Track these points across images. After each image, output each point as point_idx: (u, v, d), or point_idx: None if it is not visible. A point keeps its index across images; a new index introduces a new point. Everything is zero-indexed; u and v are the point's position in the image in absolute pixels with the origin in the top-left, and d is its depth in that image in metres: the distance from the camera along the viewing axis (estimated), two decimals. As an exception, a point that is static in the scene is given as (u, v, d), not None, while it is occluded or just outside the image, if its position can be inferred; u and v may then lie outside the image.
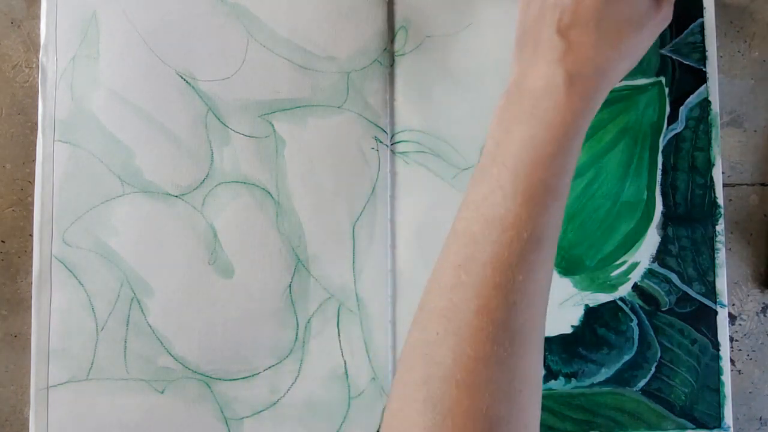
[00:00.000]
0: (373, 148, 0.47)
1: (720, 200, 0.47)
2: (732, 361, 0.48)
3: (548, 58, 0.36)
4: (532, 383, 0.31)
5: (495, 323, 0.30)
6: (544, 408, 0.46)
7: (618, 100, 0.47)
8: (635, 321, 0.46)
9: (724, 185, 0.48)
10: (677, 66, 0.48)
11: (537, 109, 0.35)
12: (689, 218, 0.47)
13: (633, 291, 0.47)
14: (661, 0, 0.39)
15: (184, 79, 0.46)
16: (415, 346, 0.32)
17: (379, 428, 0.45)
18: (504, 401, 0.29)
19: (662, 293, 0.47)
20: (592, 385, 0.46)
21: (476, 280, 0.31)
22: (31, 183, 0.47)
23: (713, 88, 0.47)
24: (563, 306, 0.46)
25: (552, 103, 0.35)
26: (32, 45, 0.48)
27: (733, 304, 0.48)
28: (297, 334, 0.46)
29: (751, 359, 0.48)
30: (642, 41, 0.38)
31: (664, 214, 0.47)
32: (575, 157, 0.36)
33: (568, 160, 0.35)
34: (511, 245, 0.32)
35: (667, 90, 0.47)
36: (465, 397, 0.29)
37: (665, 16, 0.39)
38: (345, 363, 0.45)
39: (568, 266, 0.46)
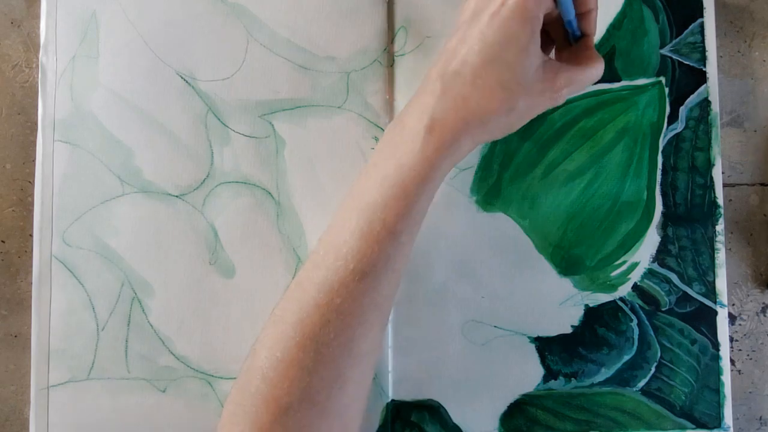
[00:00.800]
0: (372, 148, 0.47)
1: (720, 200, 0.47)
2: (732, 361, 0.48)
3: (423, 99, 0.37)
4: (334, 385, 0.36)
5: (305, 335, 0.36)
6: (544, 408, 0.46)
7: (618, 100, 0.47)
8: (635, 321, 0.46)
9: (724, 185, 0.48)
10: (677, 66, 0.48)
11: (397, 150, 0.37)
12: (689, 218, 0.47)
13: (633, 291, 0.47)
14: (558, 79, 0.38)
15: (184, 79, 0.46)
16: (255, 343, 0.38)
17: (378, 428, 0.45)
18: (296, 395, 0.35)
19: (662, 293, 0.47)
20: (592, 385, 0.46)
21: (302, 297, 0.37)
22: (31, 183, 0.47)
23: (713, 88, 0.47)
24: (563, 306, 0.46)
25: (410, 147, 0.37)
26: (32, 45, 0.48)
27: (733, 304, 0.48)
28: (297, 334, 0.46)
29: (751, 359, 0.48)
30: (514, 110, 0.37)
31: (664, 214, 0.47)
32: (423, 203, 0.37)
33: (413, 205, 0.37)
34: (338, 272, 0.36)
35: (667, 90, 0.47)
36: (265, 388, 0.36)
37: (553, 98, 0.38)
38: (345, 363, 0.46)
39: (568, 266, 0.46)
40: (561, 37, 0.41)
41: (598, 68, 0.39)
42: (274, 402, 0.35)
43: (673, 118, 0.47)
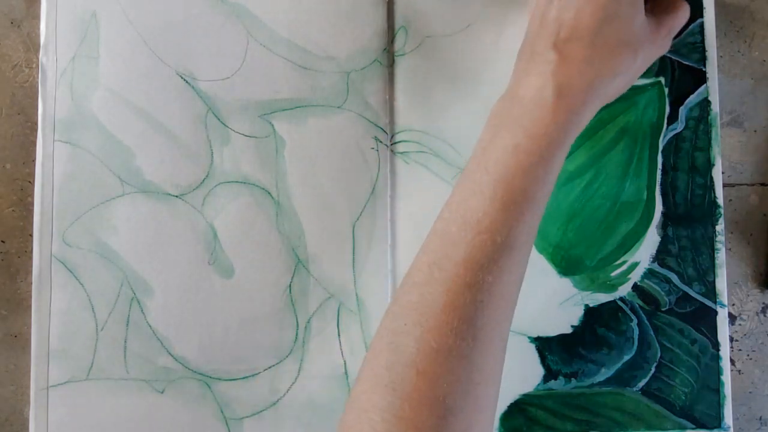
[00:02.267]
0: (373, 148, 0.47)
1: (720, 200, 0.47)
2: (732, 361, 0.48)
3: (541, 69, 0.37)
4: (491, 377, 0.33)
5: (460, 319, 0.32)
6: (544, 408, 0.46)
7: (618, 100, 0.47)
8: (635, 321, 0.46)
9: (724, 185, 0.48)
10: (677, 66, 0.48)
11: (524, 118, 0.36)
12: (689, 218, 0.47)
13: (633, 291, 0.47)
14: (660, 28, 0.40)
15: (184, 79, 0.46)
16: (384, 335, 0.34)
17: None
18: (461, 392, 0.32)
19: (662, 293, 0.47)
20: (592, 385, 0.46)
21: (447, 277, 0.33)
22: (31, 183, 0.47)
23: (713, 88, 0.47)
24: (563, 306, 0.46)
25: (539, 113, 0.36)
26: (32, 45, 0.48)
27: (733, 304, 0.48)
28: (297, 334, 0.46)
29: (751, 359, 0.48)
30: (635, 64, 0.39)
31: (664, 214, 0.47)
32: (557, 168, 0.37)
33: (549, 170, 0.36)
34: (484, 247, 0.34)
35: (667, 90, 0.47)
36: (424, 385, 0.31)
37: (662, 45, 0.41)
38: (345, 363, 0.45)
39: (568, 266, 0.46)
40: None
41: (686, 10, 0.42)
42: (437, 402, 0.31)
43: (673, 118, 0.47)
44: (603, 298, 0.47)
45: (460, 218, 0.35)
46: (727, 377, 0.46)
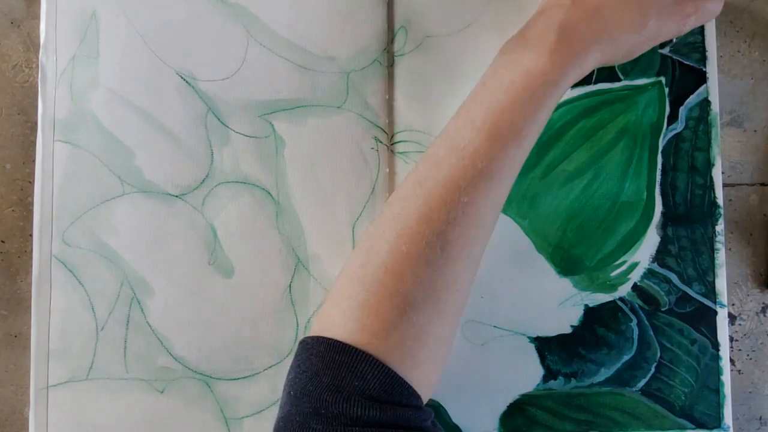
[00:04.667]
0: (372, 148, 0.47)
1: (720, 200, 0.47)
2: (732, 361, 0.48)
3: (550, 13, 0.38)
4: (454, 285, 0.36)
5: (432, 230, 0.35)
6: (544, 408, 0.46)
7: (618, 100, 0.47)
8: (635, 321, 0.46)
9: (724, 185, 0.48)
10: (677, 66, 0.48)
11: (523, 56, 0.38)
12: (689, 218, 0.47)
13: (633, 291, 0.47)
14: (686, 4, 0.40)
15: (184, 79, 0.46)
16: (364, 240, 0.38)
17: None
18: (422, 292, 0.35)
19: (662, 293, 0.47)
20: (592, 385, 0.46)
21: (427, 194, 0.36)
22: (31, 183, 0.47)
23: (713, 88, 0.47)
24: (563, 306, 0.46)
25: (538, 52, 0.37)
26: (32, 45, 0.48)
27: (733, 304, 0.48)
28: (297, 334, 0.46)
29: (751, 359, 0.48)
30: (645, 28, 0.39)
31: (663, 214, 0.47)
32: (549, 108, 0.38)
33: (541, 109, 0.37)
34: (465, 171, 0.36)
35: (667, 90, 0.47)
36: (390, 281, 0.35)
37: (681, 23, 0.40)
38: (345, 363, 0.45)
39: (567, 266, 0.46)
40: None
41: (720, 1, 0.41)
42: (400, 296, 0.35)
43: (673, 118, 0.47)
44: (603, 298, 0.47)
45: (449, 144, 0.37)
46: (726, 377, 0.46)
